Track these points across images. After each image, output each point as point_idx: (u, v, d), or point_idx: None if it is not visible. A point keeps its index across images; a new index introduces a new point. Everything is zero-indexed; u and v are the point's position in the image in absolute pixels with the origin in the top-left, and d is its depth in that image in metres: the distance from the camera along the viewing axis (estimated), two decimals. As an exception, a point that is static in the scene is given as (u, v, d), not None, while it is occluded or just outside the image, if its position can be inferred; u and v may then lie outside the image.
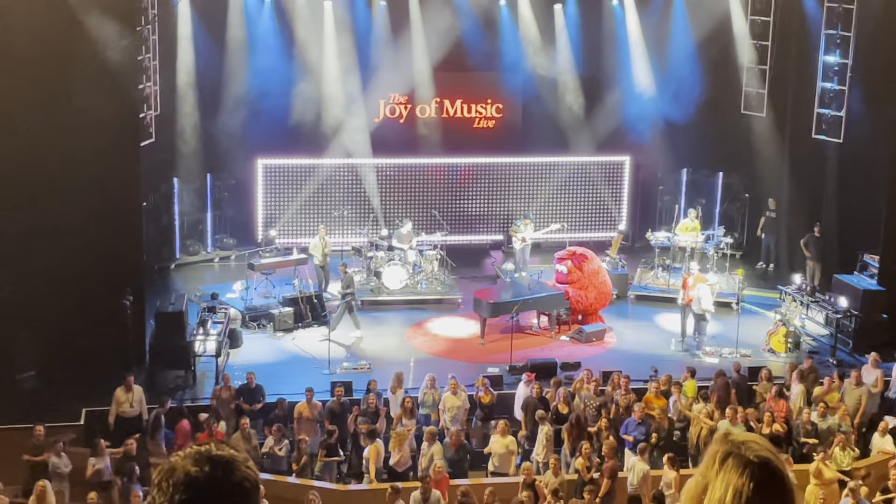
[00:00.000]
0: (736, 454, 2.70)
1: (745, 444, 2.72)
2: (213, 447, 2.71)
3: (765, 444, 2.76)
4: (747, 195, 26.70)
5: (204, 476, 2.62)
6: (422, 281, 23.76)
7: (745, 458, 2.69)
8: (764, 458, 2.69)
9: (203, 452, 2.68)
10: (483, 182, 27.06)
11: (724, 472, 2.69)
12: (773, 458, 2.71)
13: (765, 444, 2.76)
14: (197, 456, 2.67)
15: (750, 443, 2.73)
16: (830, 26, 23.28)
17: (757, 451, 2.71)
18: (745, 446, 2.71)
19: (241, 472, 2.67)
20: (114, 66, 18.78)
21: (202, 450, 2.70)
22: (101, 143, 18.68)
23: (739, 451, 2.70)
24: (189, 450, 2.71)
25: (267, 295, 22.89)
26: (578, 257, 22.40)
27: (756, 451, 2.70)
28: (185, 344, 19.55)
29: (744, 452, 2.70)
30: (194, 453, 2.68)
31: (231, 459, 2.67)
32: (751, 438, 2.76)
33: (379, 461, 16.57)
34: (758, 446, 2.72)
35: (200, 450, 2.70)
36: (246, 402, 17.86)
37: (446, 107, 26.86)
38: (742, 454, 2.69)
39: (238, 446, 2.76)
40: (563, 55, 26.51)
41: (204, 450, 2.70)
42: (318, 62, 25.33)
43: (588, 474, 15.95)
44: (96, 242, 18.88)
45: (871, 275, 22.27)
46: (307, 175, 26.09)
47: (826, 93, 23.64)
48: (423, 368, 19.16)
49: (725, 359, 20.66)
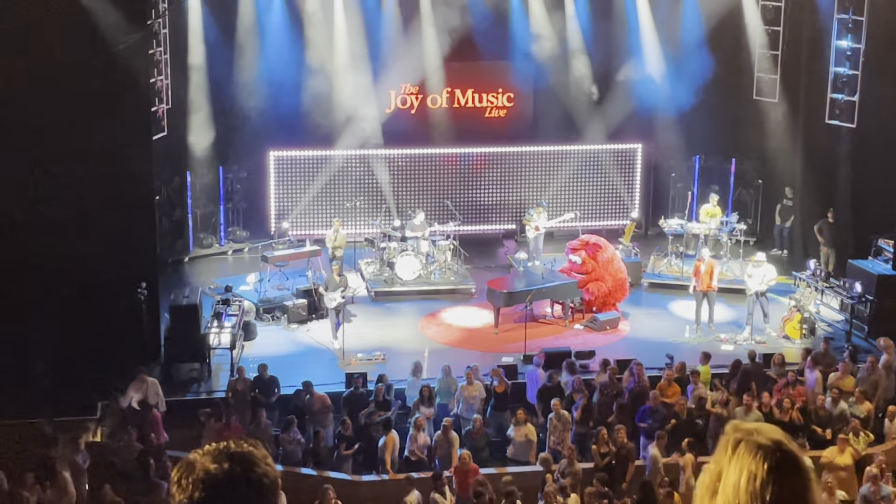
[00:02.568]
0: (747, 440, 2.71)
1: (756, 430, 2.74)
2: (233, 444, 2.71)
3: (775, 429, 2.77)
4: (760, 181, 26.61)
5: (223, 473, 2.63)
6: (435, 271, 23.75)
7: (757, 442, 2.70)
8: (776, 440, 2.71)
9: (222, 449, 2.68)
10: (495, 171, 27.03)
11: (737, 457, 2.70)
12: (785, 441, 2.72)
13: (775, 429, 2.77)
14: (216, 453, 2.67)
15: (761, 429, 2.75)
16: (842, 10, 23.15)
17: (769, 434, 2.72)
18: (756, 432, 2.73)
19: (261, 468, 2.67)
20: (124, 60, 18.79)
21: (221, 447, 2.70)
22: (113, 137, 18.71)
23: (751, 437, 2.71)
24: (208, 447, 2.71)
25: (281, 287, 22.91)
26: (592, 247, 22.35)
27: (768, 434, 2.72)
28: (199, 337, 19.60)
29: (755, 437, 2.71)
30: (214, 450, 2.68)
31: (250, 456, 2.67)
32: (761, 426, 2.77)
33: (395, 451, 16.61)
34: (769, 431, 2.74)
35: (220, 447, 2.70)
36: (261, 394, 17.91)
37: (457, 97, 26.82)
38: (754, 439, 2.70)
39: (257, 443, 2.74)
40: (574, 43, 26.43)
41: (223, 446, 2.69)
42: (328, 53, 25.29)
43: (602, 461, 15.97)
44: (110, 236, 18.93)
45: (885, 259, 22.16)
46: (319, 166, 26.09)
47: (839, 77, 23.52)
48: (437, 358, 19.17)
49: (740, 345, 20.63)
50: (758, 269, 21.17)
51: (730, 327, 21.74)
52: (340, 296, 20.65)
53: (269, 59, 25.12)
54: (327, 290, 20.80)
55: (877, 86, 22.50)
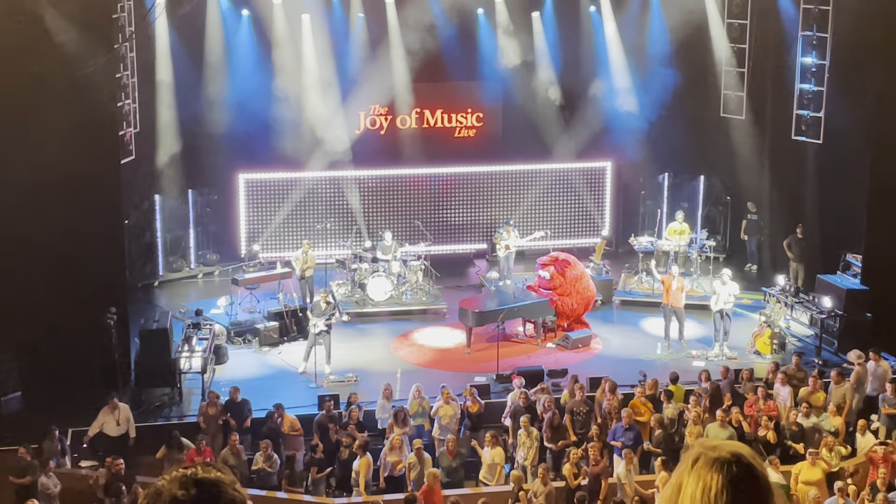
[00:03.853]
0: (707, 454, 2.73)
1: (717, 446, 2.76)
2: (200, 469, 2.67)
3: (739, 445, 2.79)
4: (729, 198, 26.77)
5: (190, 499, 2.59)
6: (406, 292, 23.72)
7: (715, 456, 2.72)
8: (736, 453, 2.73)
9: (189, 475, 2.65)
10: (465, 191, 27.06)
11: (695, 470, 2.73)
12: (745, 454, 2.74)
13: (739, 445, 2.79)
14: (183, 479, 2.63)
15: (722, 444, 2.77)
16: (807, 28, 23.36)
17: (730, 449, 2.74)
18: (717, 447, 2.75)
19: (228, 494, 2.64)
20: (92, 84, 18.71)
21: (188, 472, 2.66)
22: (81, 162, 18.61)
23: (711, 452, 2.73)
24: (176, 472, 2.68)
25: (251, 310, 22.83)
26: (561, 263, 22.41)
27: (728, 449, 2.74)
28: (170, 361, 19.46)
29: (715, 452, 2.73)
30: (181, 476, 2.65)
31: (218, 482, 2.64)
32: (724, 442, 2.80)
33: (369, 474, 16.54)
34: (730, 446, 2.76)
35: (186, 472, 2.66)
36: (233, 418, 17.79)
37: (426, 117, 26.86)
38: (713, 454, 2.73)
39: (224, 468, 2.70)
40: (542, 63, 26.55)
41: (190, 472, 2.66)
42: (297, 75, 25.28)
43: (575, 481, 15.95)
44: (79, 262, 18.82)
45: (854, 274, 22.34)
46: (289, 189, 26.04)
47: (804, 94, 23.72)
48: (409, 379, 19.13)
49: (711, 361, 20.70)
50: (724, 287, 21.25)
51: (700, 344, 21.81)
52: (324, 323, 20.47)
53: (238, 81, 25.07)
54: (312, 314, 20.66)
55: (842, 102, 22.69)
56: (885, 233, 21.55)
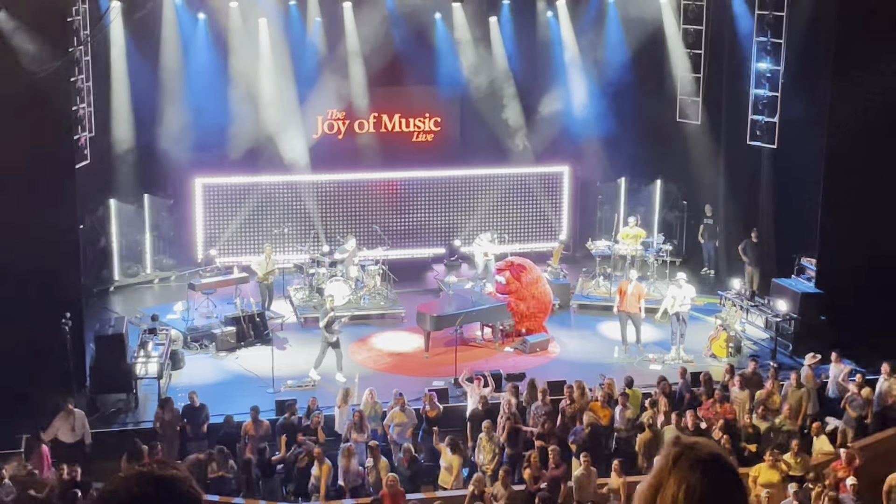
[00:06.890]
0: (687, 454, 2.76)
1: (696, 445, 2.79)
2: (156, 467, 2.68)
3: (713, 444, 2.84)
4: (685, 202, 26.97)
5: (147, 497, 2.60)
6: (365, 296, 23.70)
7: (696, 456, 2.75)
8: (715, 454, 2.76)
9: (146, 473, 2.65)
10: (423, 195, 27.07)
11: (677, 470, 2.75)
12: (724, 455, 2.79)
13: (713, 444, 2.84)
14: (140, 477, 2.64)
15: (700, 443, 2.80)
16: (762, 34, 23.58)
17: (708, 449, 2.77)
18: (696, 446, 2.78)
19: (185, 492, 2.64)
20: (46, 88, 18.54)
21: (145, 470, 2.67)
22: (35, 166, 18.46)
23: (691, 451, 2.76)
24: (132, 471, 2.68)
25: (208, 315, 22.71)
26: (516, 268, 22.49)
27: (707, 449, 2.77)
28: (126, 367, 19.30)
29: (695, 452, 2.76)
30: (137, 474, 2.65)
31: (174, 479, 2.65)
32: (700, 440, 2.83)
33: (329, 480, 16.48)
34: (708, 446, 2.80)
35: (143, 470, 2.67)
36: (190, 423, 17.69)
37: (384, 122, 26.86)
38: (693, 454, 2.75)
39: (180, 466, 2.70)
40: (500, 67, 26.63)
41: (147, 470, 2.67)
42: (254, 79, 25.20)
43: (535, 485, 15.98)
44: (33, 266, 18.62)
45: (808, 278, 22.56)
46: (246, 193, 25.94)
47: (759, 99, 23.93)
48: (368, 384, 19.07)
49: (668, 365, 20.83)
50: (680, 291, 21.40)
51: (657, 347, 21.95)
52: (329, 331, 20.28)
53: (194, 85, 24.96)
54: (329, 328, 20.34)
55: (796, 107, 22.91)
56: (839, 236, 21.77)
